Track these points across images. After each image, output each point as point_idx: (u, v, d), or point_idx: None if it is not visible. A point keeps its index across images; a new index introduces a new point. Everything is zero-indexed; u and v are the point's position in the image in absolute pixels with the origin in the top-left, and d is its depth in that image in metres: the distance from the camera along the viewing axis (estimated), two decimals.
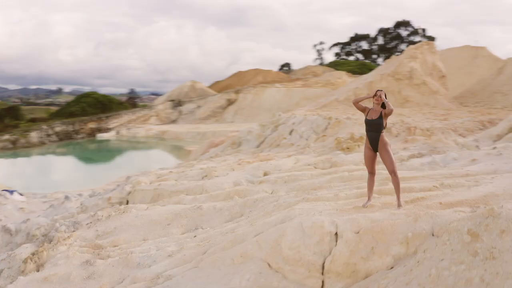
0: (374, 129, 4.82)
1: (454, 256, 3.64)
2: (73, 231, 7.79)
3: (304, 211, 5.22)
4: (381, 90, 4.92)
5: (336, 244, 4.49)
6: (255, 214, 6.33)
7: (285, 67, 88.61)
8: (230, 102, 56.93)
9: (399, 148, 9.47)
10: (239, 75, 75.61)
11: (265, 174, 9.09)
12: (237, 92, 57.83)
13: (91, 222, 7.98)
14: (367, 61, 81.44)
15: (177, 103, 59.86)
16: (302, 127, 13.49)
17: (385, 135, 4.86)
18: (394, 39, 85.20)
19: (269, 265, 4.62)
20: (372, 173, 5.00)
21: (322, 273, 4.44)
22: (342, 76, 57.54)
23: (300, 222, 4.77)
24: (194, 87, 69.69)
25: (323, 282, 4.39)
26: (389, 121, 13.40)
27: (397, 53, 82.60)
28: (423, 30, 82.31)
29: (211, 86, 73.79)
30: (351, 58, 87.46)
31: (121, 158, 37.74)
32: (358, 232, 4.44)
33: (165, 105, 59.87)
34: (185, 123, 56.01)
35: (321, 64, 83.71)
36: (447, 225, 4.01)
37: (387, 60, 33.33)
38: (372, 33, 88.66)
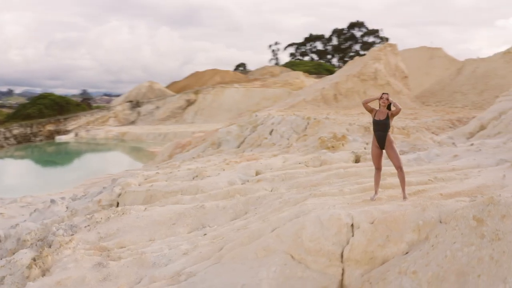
0: (382, 128, 5.31)
1: (465, 239, 4.16)
2: (72, 234, 7.75)
3: (317, 206, 5.62)
4: (387, 93, 5.42)
5: (353, 234, 4.92)
6: (262, 210, 6.65)
7: (241, 67, 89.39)
8: (190, 103, 56.82)
9: None
10: (196, 75, 75.52)
11: (257, 173, 9.42)
12: (196, 92, 57.80)
13: (89, 225, 7.96)
14: (322, 61, 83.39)
15: (135, 104, 58.99)
16: (282, 127, 13.93)
17: (390, 135, 5.36)
18: (348, 39, 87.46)
19: (292, 256, 4.97)
20: (378, 168, 5.49)
21: (342, 262, 4.85)
22: (300, 76, 58.75)
23: (317, 215, 5.16)
24: (152, 87, 68.88)
25: (343, 269, 4.81)
26: (368, 120, 14.12)
27: (351, 53, 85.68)
28: (377, 31, 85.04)
29: (168, 87, 73.24)
30: (306, 58, 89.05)
31: (83, 160, 36.70)
32: (372, 223, 4.90)
33: (123, 106, 58.81)
34: (144, 124, 55.26)
35: (277, 64, 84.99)
36: (453, 212, 4.55)
37: (351, 62, 34.65)
38: (327, 33, 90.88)
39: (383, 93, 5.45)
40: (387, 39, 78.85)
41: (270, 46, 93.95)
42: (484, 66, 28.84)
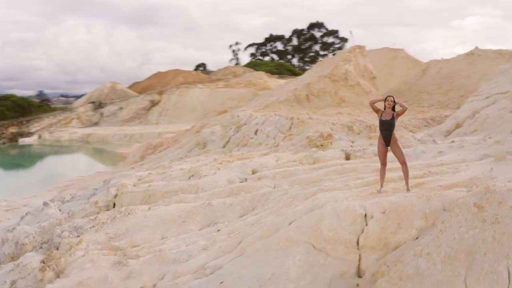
0: (388, 128, 5.88)
1: (468, 223, 4.79)
2: (78, 236, 7.83)
3: (328, 199, 6.11)
4: (392, 96, 5.99)
5: (366, 224, 5.45)
6: (271, 206, 7.07)
7: (201, 68, 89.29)
8: (154, 103, 56.35)
9: (367, 144, 10.82)
10: (159, 75, 74.85)
11: (253, 172, 9.81)
12: (160, 93, 57.40)
13: (94, 226, 8.06)
14: (283, 61, 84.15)
15: (98, 105, 57.83)
16: (267, 127, 14.39)
17: (395, 133, 5.94)
18: (308, 40, 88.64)
19: (313, 246, 5.43)
20: (384, 164, 6.07)
21: (358, 249, 5.37)
22: (263, 76, 58.77)
23: (333, 208, 5.65)
24: (114, 88, 67.72)
25: (360, 255, 5.32)
26: (348, 120, 14.86)
27: (311, 54, 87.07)
28: (336, 31, 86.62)
29: (130, 87, 72.27)
30: (267, 58, 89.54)
31: (49, 163, 35.60)
32: (384, 212, 5.45)
33: (86, 107, 57.55)
34: (108, 126, 54.22)
35: (237, 64, 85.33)
36: (455, 201, 5.18)
37: (320, 62, 35.72)
38: (287, 34, 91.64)
39: (388, 96, 6.01)
40: (346, 40, 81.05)
41: (230, 46, 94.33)
42: (448, 67, 30.63)
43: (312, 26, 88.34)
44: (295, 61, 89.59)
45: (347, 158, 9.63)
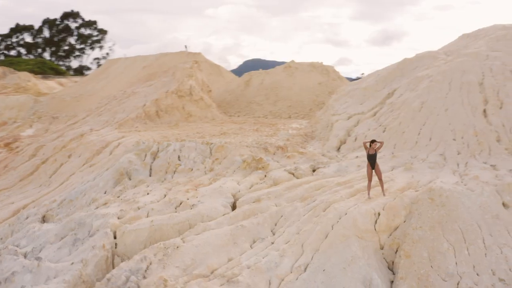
0: (373, 159, 10.05)
1: (429, 208, 9.48)
2: (145, 277, 8.93)
3: (346, 206, 9.84)
4: (375, 140, 10.15)
5: (377, 217, 9.51)
6: (296, 219, 10.19)
7: None
8: None
9: (290, 163, 14.70)
10: None
11: (234, 196, 12.35)
12: None
13: (149, 265, 9.23)
14: (45, 59, 73.33)
15: None
16: (189, 153, 16.34)
17: (377, 162, 10.18)
18: (62, 31, 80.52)
19: (357, 236, 9.11)
20: (370, 180, 10.22)
21: (376, 233, 9.37)
22: (31, 78, 51.33)
23: (358, 211, 9.47)
24: None
25: (378, 237, 9.34)
26: (249, 140, 18.32)
27: (66, 47, 77.71)
28: (95, 22, 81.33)
29: None
30: (13, 52, 77.85)
31: None
32: (384, 209, 9.64)
33: None
34: None
35: None
36: (416, 197, 9.84)
37: (162, 78, 37.25)
38: (36, 24, 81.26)
39: (372, 140, 10.17)
40: (105, 32, 78.76)
41: None
42: (269, 78, 37.45)
43: (67, 15, 79.77)
44: (46, 55, 79.58)
45: (298, 177, 13.33)
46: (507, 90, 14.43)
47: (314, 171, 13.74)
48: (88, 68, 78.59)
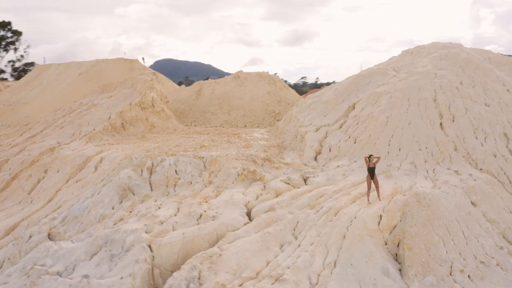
0: (372, 171, 12.38)
1: (418, 209, 12.07)
2: (200, 284, 10.30)
3: (354, 210, 12.06)
4: (373, 155, 12.48)
5: (380, 219, 11.87)
6: (312, 224, 12.17)
7: None
8: None
9: (281, 174, 16.63)
10: None
11: (246, 207, 14.01)
12: None
13: (201, 272, 10.62)
14: None
15: None
16: (185, 167, 17.53)
17: (376, 174, 12.53)
18: None
19: (369, 235, 11.35)
20: (369, 188, 12.54)
21: (381, 231, 11.72)
22: None
23: (367, 214, 11.73)
24: None
25: (383, 235, 11.69)
26: (233, 153, 19.83)
27: None
28: (9, 23, 75.02)
29: None
30: None
31: None
32: (384, 211, 12.03)
33: None
34: None
35: None
36: (406, 201, 12.38)
37: (120, 89, 36.71)
38: None
39: (371, 155, 12.49)
40: (20, 33, 73.70)
41: None
42: (220, 88, 38.75)
43: None
44: None
45: (294, 187, 15.27)
46: (456, 105, 17.77)
47: (305, 180, 15.84)
48: (2, 71, 73.32)
